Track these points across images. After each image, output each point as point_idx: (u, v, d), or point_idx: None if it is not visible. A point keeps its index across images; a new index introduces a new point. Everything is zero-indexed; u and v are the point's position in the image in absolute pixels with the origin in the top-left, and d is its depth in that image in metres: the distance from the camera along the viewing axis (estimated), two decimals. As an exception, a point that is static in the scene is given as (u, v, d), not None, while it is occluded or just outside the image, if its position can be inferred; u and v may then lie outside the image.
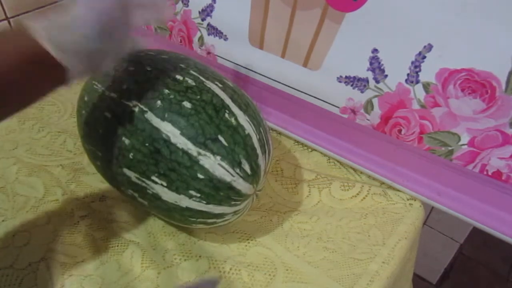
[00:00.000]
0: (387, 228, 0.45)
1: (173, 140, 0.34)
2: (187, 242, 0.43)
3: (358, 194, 0.49)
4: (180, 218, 0.38)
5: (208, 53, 0.57)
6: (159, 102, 0.36)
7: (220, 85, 0.38)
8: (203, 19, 0.54)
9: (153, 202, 0.37)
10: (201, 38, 0.56)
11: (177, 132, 0.35)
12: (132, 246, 0.42)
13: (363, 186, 0.49)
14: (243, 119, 0.37)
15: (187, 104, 0.35)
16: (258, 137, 0.37)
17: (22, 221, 0.44)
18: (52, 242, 0.42)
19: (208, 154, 0.34)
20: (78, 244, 0.42)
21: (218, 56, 0.56)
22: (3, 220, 0.44)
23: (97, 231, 0.44)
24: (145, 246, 0.43)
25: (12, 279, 0.39)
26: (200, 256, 0.42)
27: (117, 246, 0.42)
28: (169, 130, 0.35)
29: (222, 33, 0.53)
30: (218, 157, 0.35)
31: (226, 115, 0.36)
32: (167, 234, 0.44)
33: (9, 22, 0.63)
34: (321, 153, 0.54)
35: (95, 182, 0.49)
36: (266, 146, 0.39)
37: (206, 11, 0.53)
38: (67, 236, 0.43)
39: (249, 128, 0.37)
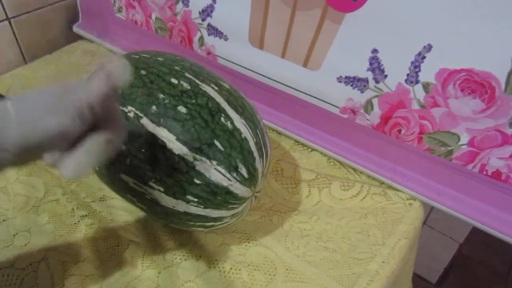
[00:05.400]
0: (387, 228, 0.45)
1: (169, 145, 0.34)
2: (187, 242, 0.43)
3: (358, 194, 0.49)
4: (178, 222, 0.38)
5: (208, 53, 0.57)
6: (154, 107, 0.35)
7: (216, 88, 0.38)
8: (203, 20, 0.54)
9: (151, 207, 0.37)
10: (201, 39, 0.56)
11: (173, 137, 0.34)
12: (132, 245, 0.42)
13: (363, 186, 0.49)
14: (239, 123, 0.37)
15: (182, 109, 0.35)
16: (255, 140, 0.37)
17: (23, 221, 0.44)
18: (52, 242, 0.42)
19: (204, 159, 0.34)
20: (78, 243, 0.42)
21: (218, 57, 0.56)
22: (4, 220, 0.44)
23: (98, 231, 0.44)
24: (146, 246, 0.43)
25: (13, 278, 0.39)
26: (200, 256, 0.42)
27: (118, 245, 0.43)
28: (165, 136, 0.34)
29: (222, 33, 0.53)
30: (215, 162, 0.34)
31: (222, 119, 0.36)
32: (168, 234, 0.44)
33: (9, 22, 0.63)
34: (321, 153, 0.54)
35: (95, 182, 0.49)
36: (263, 149, 0.38)
37: (206, 12, 0.53)
38: (68, 236, 0.43)
39: (245, 132, 0.37)
